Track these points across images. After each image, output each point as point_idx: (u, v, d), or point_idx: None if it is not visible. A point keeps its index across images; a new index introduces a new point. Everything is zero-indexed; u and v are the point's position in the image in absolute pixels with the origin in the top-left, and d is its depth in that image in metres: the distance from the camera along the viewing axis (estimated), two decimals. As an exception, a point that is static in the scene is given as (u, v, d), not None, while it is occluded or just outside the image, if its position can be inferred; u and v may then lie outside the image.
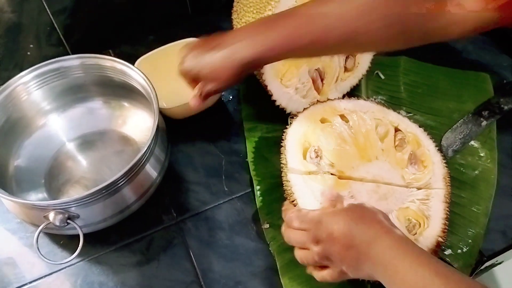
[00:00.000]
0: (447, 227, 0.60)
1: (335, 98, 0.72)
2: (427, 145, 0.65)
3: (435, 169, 0.64)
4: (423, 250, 0.49)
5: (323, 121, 0.67)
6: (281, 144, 0.66)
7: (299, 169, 0.63)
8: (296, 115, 0.69)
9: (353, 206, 0.55)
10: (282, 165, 0.65)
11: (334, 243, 0.51)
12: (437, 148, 0.66)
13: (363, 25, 0.53)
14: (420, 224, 0.60)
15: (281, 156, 0.65)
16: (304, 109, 0.69)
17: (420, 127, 0.68)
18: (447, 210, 0.61)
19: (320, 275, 0.55)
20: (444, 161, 0.65)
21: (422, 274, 0.45)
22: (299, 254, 0.56)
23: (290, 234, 0.57)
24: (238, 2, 0.77)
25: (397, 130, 0.67)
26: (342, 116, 0.67)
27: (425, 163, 0.64)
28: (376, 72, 0.82)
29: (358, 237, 0.49)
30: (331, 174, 0.63)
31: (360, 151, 0.64)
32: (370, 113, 0.67)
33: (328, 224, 0.52)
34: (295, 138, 0.65)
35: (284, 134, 0.67)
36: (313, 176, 0.62)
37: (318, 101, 0.71)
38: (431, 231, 0.59)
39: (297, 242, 0.56)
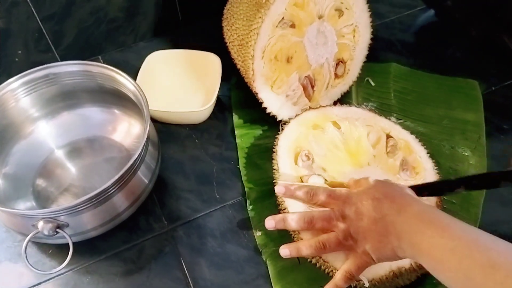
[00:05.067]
0: None
1: (326, 105, 0.72)
2: (419, 151, 0.66)
3: (427, 176, 0.64)
4: (451, 217, 0.48)
5: (315, 127, 0.68)
6: (273, 149, 0.66)
7: (290, 174, 0.63)
8: (288, 122, 0.69)
9: (380, 182, 0.55)
10: (274, 170, 0.65)
11: (361, 218, 0.52)
12: (429, 155, 0.66)
13: None
14: None
15: (273, 162, 0.65)
16: (296, 115, 0.69)
17: (411, 133, 0.68)
18: None
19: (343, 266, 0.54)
20: (436, 167, 0.65)
21: (450, 235, 0.44)
22: (321, 238, 0.55)
23: (315, 212, 0.56)
24: (228, 10, 0.77)
25: (388, 137, 0.67)
26: (334, 123, 0.67)
27: (416, 169, 0.64)
28: (366, 79, 0.83)
29: (386, 209, 0.50)
30: (320, 175, 0.63)
31: (352, 157, 0.64)
32: (362, 120, 0.68)
33: (357, 200, 0.53)
34: (287, 144, 0.65)
35: (276, 140, 0.67)
36: (305, 184, 0.62)
37: (310, 107, 0.71)
38: None
39: (323, 218, 0.55)
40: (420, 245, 0.46)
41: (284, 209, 0.61)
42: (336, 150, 0.65)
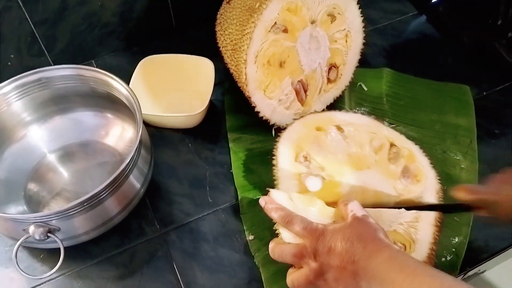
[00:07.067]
0: (434, 252, 0.60)
1: (330, 110, 0.73)
2: (422, 161, 0.66)
3: (428, 184, 0.64)
4: (420, 262, 0.49)
5: (318, 129, 0.68)
6: (274, 146, 0.67)
7: (289, 170, 0.63)
8: (284, 126, 0.70)
9: (356, 221, 0.55)
10: (273, 167, 0.65)
11: (334, 258, 0.52)
12: (432, 165, 0.66)
13: None
14: (405, 247, 0.59)
15: (273, 157, 0.66)
16: (301, 117, 0.70)
17: (415, 144, 0.68)
18: (437, 235, 0.61)
19: None
20: (438, 177, 0.65)
21: (419, 280, 0.46)
22: (291, 277, 0.56)
23: (285, 247, 0.56)
24: (221, 14, 0.77)
25: (392, 145, 0.67)
26: (338, 127, 0.68)
27: (418, 177, 0.65)
28: (359, 84, 0.83)
29: (358, 254, 0.50)
30: (318, 174, 0.63)
31: (352, 160, 0.65)
32: (366, 127, 0.68)
33: (332, 239, 0.53)
34: (289, 142, 0.67)
35: (278, 137, 0.68)
36: (300, 195, 0.62)
37: (315, 111, 0.72)
38: (416, 256, 0.58)
39: (294, 254, 0.55)
40: None
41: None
42: (337, 151, 0.65)
